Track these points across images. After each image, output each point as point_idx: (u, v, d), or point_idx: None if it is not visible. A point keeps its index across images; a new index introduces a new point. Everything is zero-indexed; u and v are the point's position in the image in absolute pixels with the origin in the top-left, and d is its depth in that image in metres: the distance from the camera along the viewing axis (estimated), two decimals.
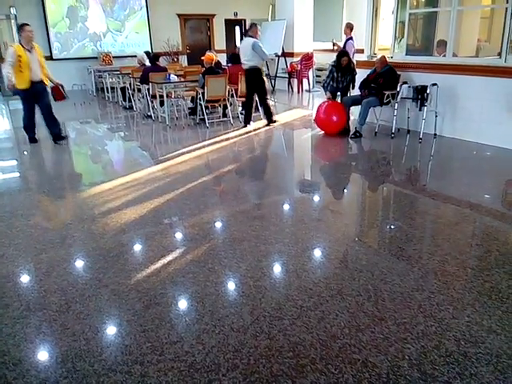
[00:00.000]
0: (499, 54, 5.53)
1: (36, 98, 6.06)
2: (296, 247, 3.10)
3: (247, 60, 6.83)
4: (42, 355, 2.10)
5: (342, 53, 6.70)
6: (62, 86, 6.52)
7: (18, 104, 6.67)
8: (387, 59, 6.34)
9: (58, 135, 6.39)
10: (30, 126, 6.30)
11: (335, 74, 6.67)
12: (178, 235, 3.42)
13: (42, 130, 6.54)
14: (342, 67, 6.61)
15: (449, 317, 2.27)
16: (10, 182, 4.88)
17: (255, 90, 7.02)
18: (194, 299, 2.50)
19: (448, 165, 5.25)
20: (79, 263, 2.99)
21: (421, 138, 6.03)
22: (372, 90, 6.27)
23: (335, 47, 8.78)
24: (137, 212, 3.84)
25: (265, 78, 7.08)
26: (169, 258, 3.00)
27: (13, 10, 11.19)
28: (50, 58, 11.70)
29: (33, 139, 6.41)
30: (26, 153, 6.16)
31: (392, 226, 3.53)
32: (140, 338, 2.18)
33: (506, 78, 5.34)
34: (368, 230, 3.60)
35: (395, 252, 3.01)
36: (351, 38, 8.42)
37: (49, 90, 6.36)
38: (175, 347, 2.11)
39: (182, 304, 2.47)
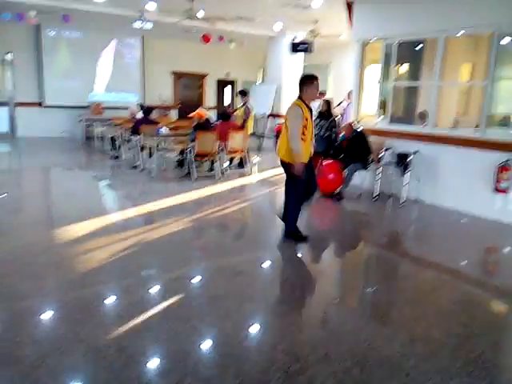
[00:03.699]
0: (477, 127, 5.86)
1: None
2: (281, 307, 3.05)
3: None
4: None
5: (323, 100, 7.49)
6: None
7: None
8: (353, 125, 6.73)
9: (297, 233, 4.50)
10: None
11: (316, 121, 7.22)
12: (160, 289, 3.33)
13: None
14: (322, 113, 7.24)
15: None
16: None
17: None
18: (175, 359, 2.41)
19: (429, 230, 5.35)
20: (56, 314, 2.87)
21: (402, 203, 6.19)
22: (349, 158, 6.49)
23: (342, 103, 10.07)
24: (117, 262, 3.77)
25: None
26: (150, 313, 2.91)
27: (9, 56, 11.45)
28: (41, 104, 11.90)
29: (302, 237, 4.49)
30: None
31: (375, 290, 3.52)
32: None
33: (483, 150, 5.62)
34: (351, 292, 3.59)
35: (380, 316, 2.99)
36: (350, 104, 9.10)
37: None
38: None
39: (163, 363, 2.37)
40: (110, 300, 3.11)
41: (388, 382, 2.24)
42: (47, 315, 2.85)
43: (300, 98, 4.16)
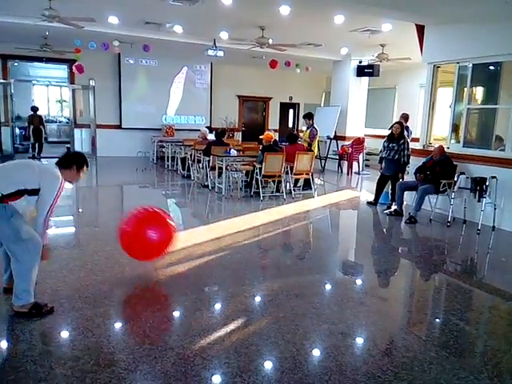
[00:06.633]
0: None
1: None
2: (351, 330, 3.05)
3: None
4: None
5: (396, 122, 7.25)
6: None
7: None
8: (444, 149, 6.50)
9: None
10: None
11: (385, 144, 7.12)
12: (240, 305, 3.44)
13: None
14: (395, 137, 6.99)
15: None
16: None
17: None
18: (258, 372, 2.49)
19: (509, 259, 5.08)
20: (145, 323, 3.05)
21: (479, 230, 5.92)
22: (428, 176, 6.35)
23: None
24: (197, 277, 3.95)
25: None
26: (231, 326, 3.02)
27: (92, 82, 12.49)
28: (119, 127, 12.83)
29: None
30: None
31: (454, 320, 3.40)
32: None
33: None
34: (421, 321, 3.48)
35: (458, 347, 2.89)
36: (406, 128, 8.78)
37: None
38: None
39: (247, 376, 2.46)
40: (194, 311, 3.26)
41: None
42: (138, 323, 3.05)
43: None
